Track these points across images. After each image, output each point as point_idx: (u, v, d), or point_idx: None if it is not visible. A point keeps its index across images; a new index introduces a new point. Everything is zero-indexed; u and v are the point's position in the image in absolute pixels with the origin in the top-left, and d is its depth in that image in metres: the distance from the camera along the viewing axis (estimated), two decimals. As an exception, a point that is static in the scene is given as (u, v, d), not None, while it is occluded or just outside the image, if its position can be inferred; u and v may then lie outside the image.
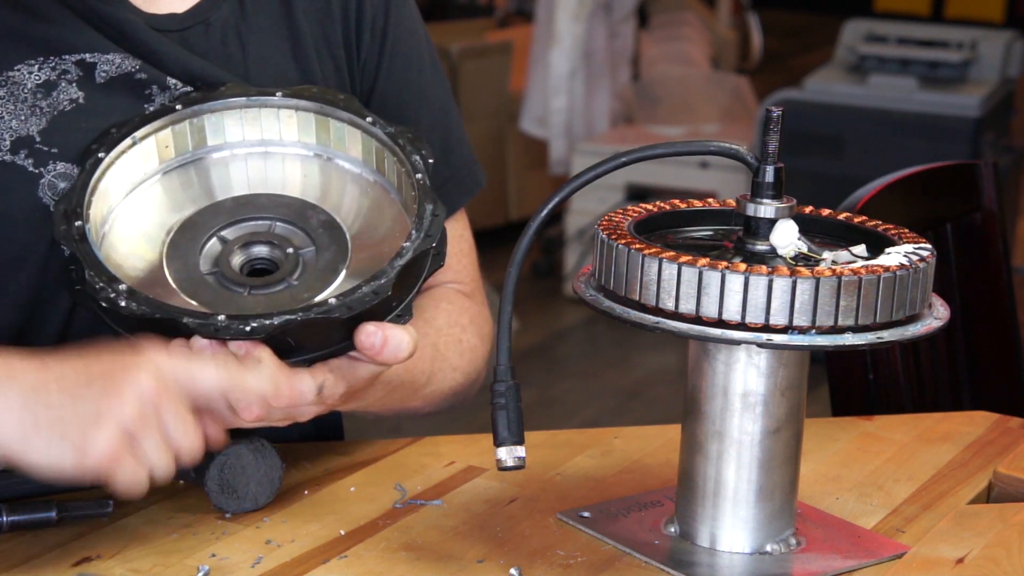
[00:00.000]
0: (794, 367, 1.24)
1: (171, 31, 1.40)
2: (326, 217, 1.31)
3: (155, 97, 1.37)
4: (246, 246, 1.28)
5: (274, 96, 1.35)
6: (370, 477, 1.38)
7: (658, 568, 1.24)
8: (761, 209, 1.22)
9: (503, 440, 1.20)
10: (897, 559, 1.27)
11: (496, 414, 1.21)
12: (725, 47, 6.01)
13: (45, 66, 1.35)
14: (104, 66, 1.36)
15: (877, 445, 1.51)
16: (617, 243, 1.20)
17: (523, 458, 1.20)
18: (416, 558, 1.24)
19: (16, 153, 1.33)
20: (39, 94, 1.34)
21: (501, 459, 1.20)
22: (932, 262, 1.21)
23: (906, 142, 4.39)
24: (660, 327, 1.17)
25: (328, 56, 1.47)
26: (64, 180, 1.33)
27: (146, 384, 1.14)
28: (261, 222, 1.30)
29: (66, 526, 1.25)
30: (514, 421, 1.21)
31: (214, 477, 1.27)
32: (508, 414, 1.21)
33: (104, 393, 1.14)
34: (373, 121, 1.33)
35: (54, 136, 1.34)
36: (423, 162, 1.29)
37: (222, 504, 1.28)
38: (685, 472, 1.27)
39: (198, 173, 1.34)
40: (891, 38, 4.84)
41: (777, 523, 1.26)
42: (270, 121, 1.35)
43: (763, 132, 1.22)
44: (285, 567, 1.22)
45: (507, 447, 1.20)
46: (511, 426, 1.21)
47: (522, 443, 1.21)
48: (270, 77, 1.42)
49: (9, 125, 1.33)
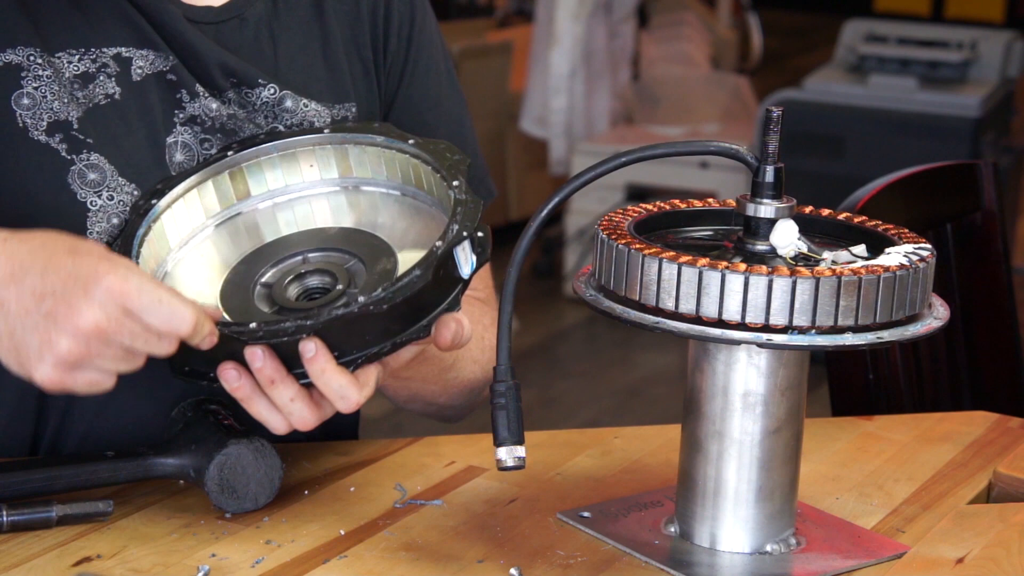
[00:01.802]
0: (794, 367, 1.24)
1: (207, 23, 1.41)
2: (367, 236, 1.33)
3: (185, 104, 1.39)
4: (297, 278, 1.31)
5: (296, 136, 1.39)
6: (370, 477, 1.38)
7: (658, 568, 1.24)
8: (761, 209, 1.22)
9: (503, 440, 1.20)
10: (897, 559, 1.27)
11: (496, 414, 1.21)
12: (725, 47, 6.01)
13: (85, 57, 1.36)
14: (139, 62, 1.38)
15: (877, 445, 1.51)
16: (617, 243, 1.20)
17: (523, 458, 1.20)
18: (416, 558, 1.24)
19: (52, 135, 1.34)
20: (77, 84, 1.36)
21: (501, 459, 1.20)
22: (932, 262, 1.21)
23: (906, 142, 4.39)
24: (660, 327, 1.17)
25: (357, 58, 1.49)
26: (95, 171, 1.34)
27: (94, 317, 1.13)
28: (295, 258, 1.33)
29: (66, 526, 1.25)
30: (514, 421, 1.21)
31: (214, 477, 1.27)
32: (508, 414, 1.21)
33: (50, 319, 1.13)
34: (407, 139, 1.35)
35: (89, 127, 1.35)
36: (461, 166, 1.30)
37: (222, 504, 1.28)
38: (685, 472, 1.27)
39: (244, 224, 1.38)
40: (891, 38, 4.84)
41: (777, 523, 1.26)
42: (294, 166, 1.38)
43: (763, 132, 1.22)
44: (285, 567, 1.22)
45: (507, 447, 1.20)
46: (511, 426, 1.21)
47: (522, 443, 1.21)
48: (299, 75, 1.44)
49: (51, 106, 1.34)
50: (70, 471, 1.27)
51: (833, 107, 4.52)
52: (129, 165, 1.36)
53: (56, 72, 1.35)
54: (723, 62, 5.93)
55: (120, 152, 1.36)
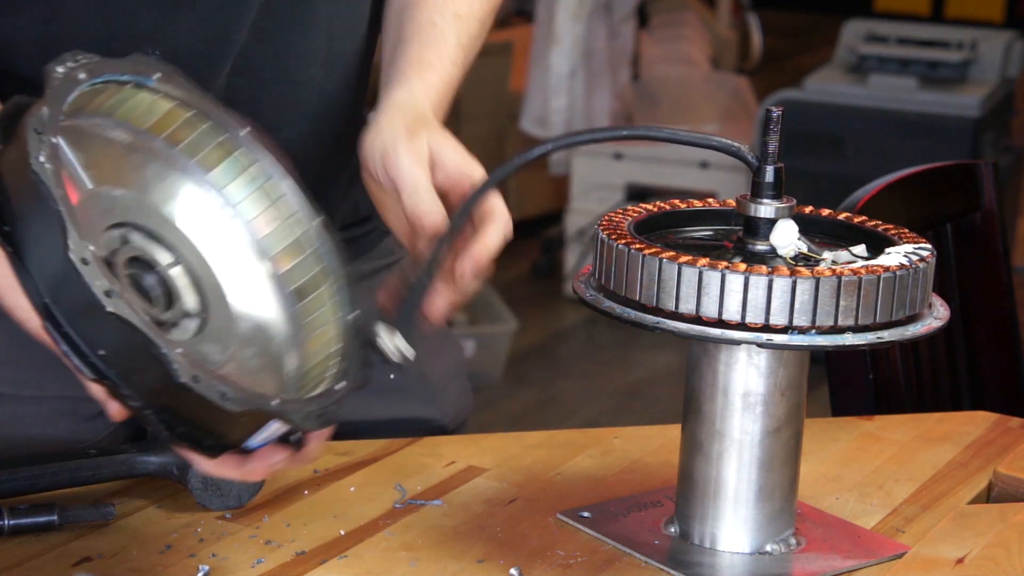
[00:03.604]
0: (794, 367, 1.24)
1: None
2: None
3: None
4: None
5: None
6: (370, 477, 1.38)
7: (658, 568, 1.24)
8: (761, 209, 1.22)
9: (396, 326, 1.17)
10: (897, 559, 1.28)
11: (409, 294, 1.18)
12: (725, 47, 6.01)
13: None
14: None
15: (877, 445, 1.51)
16: (617, 243, 1.20)
17: (407, 356, 1.17)
18: (416, 558, 1.24)
19: None
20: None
21: (384, 344, 1.17)
22: (932, 262, 1.21)
23: (906, 142, 4.39)
24: (660, 327, 1.17)
25: None
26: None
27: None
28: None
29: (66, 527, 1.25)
30: (412, 310, 1.18)
31: (197, 474, 1.27)
32: (414, 301, 1.18)
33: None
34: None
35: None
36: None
37: (206, 502, 1.28)
38: (685, 472, 1.27)
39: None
40: (891, 38, 4.84)
41: (777, 523, 1.26)
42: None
43: (763, 132, 1.22)
44: (285, 567, 1.22)
45: (396, 335, 1.17)
46: (410, 317, 1.18)
47: (411, 345, 1.17)
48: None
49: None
50: (53, 469, 1.27)
51: (833, 107, 4.52)
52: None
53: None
54: (723, 62, 5.93)
55: None
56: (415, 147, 1.26)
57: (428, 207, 1.23)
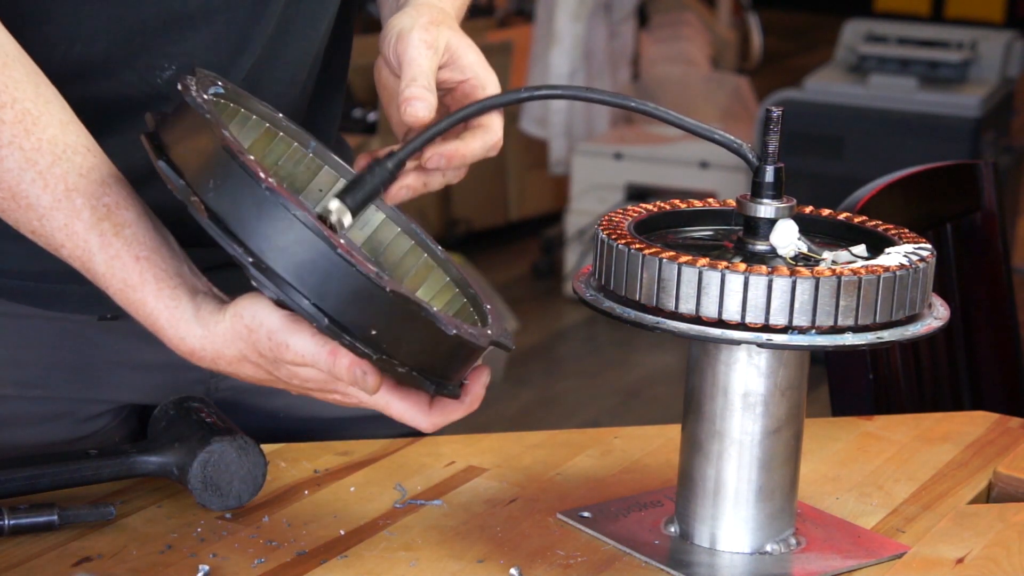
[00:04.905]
0: (794, 367, 1.24)
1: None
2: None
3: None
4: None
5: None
6: (370, 477, 1.38)
7: (658, 568, 1.24)
8: (761, 209, 1.22)
9: (346, 196, 1.17)
10: (897, 559, 1.28)
11: (368, 171, 1.17)
12: (725, 47, 6.01)
13: None
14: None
15: (877, 445, 1.51)
16: (617, 243, 1.20)
17: (343, 224, 1.16)
18: (416, 558, 1.24)
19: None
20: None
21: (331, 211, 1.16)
22: (932, 262, 1.21)
23: (906, 142, 4.39)
24: (660, 327, 1.17)
25: None
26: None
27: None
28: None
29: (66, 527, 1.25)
30: (369, 194, 1.18)
31: (197, 474, 1.27)
32: (372, 183, 1.18)
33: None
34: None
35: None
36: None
37: (205, 501, 1.28)
38: (685, 472, 1.27)
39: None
40: (891, 38, 4.84)
41: (777, 523, 1.26)
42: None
43: (763, 132, 1.22)
44: (285, 567, 1.22)
45: (343, 205, 1.16)
46: (365, 195, 1.17)
47: (352, 217, 1.17)
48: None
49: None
50: (52, 470, 1.27)
51: (833, 107, 4.52)
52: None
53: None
54: (723, 62, 5.94)
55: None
56: (431, 35, 1.27)
57: (418, 93, 1.23)
